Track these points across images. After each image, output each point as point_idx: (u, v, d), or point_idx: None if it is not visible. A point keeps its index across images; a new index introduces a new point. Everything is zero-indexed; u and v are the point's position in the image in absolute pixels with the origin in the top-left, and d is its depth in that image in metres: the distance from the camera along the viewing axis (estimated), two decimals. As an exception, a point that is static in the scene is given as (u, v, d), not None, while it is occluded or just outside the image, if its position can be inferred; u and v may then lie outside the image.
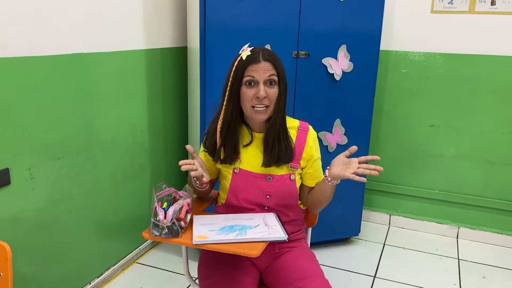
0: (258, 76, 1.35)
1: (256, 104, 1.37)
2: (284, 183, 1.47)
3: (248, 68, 1.35)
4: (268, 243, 1.29)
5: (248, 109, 1.39)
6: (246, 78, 1.36)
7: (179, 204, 1.32)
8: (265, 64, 1.36)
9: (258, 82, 1.36)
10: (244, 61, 1.36)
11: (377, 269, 2.47)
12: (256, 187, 1.45)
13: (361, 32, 2.30)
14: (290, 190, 1.48)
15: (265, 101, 1.37)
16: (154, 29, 2.32)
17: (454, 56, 2.64)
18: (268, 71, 1.36)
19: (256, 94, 1.35)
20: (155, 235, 1.30)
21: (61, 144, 1.84)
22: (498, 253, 2.70)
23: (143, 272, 2.34)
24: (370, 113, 2.47)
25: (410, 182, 2.91)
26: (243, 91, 1.37)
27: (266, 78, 1.36)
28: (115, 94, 2.11)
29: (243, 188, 1.46)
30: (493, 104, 2.62)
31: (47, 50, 1.71)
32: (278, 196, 1.47)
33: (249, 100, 1.37)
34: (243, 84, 1.37)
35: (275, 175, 1.46)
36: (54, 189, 1.85)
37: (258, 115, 1.39)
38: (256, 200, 1.47)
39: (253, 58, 1.36)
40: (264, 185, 1.45)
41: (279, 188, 1.46)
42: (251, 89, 1.36)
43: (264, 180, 1.45)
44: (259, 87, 1.35)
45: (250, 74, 1.35)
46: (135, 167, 2.33)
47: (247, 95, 1.37)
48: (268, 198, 1.46)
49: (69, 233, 1.96)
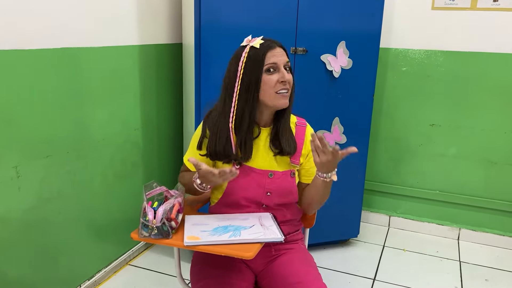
0: (279, 61, 1.32)
1: (280, 89, 1.33)
2: (285, 180, 1.41)
3: (267, 54, 1.31)
4: (263, 244, 1.23)
5: (272, 95, 1.33)
6: (267, 65, 1.31)
7: (169, 203, 1.25)
8: (280, 50, 1.35)
9: (279, 67, 1.32)
10: (260, 49, 1.32)
11: (376, 271, 2.40)
12: (257, 183, 1.39)
13: (361, 28, 2.24)
14: (291, 187, 1.42)
15: (287, 85, 1.34)
16: (149, 24, 2.26)
17: (455, 53, 2.58)
18: (285, 57, 1.35)
19: (280, 78, 1.32)
20: (144, 236, 1.23)
21: (49, 142, 1.78)
22: (501, 255, 2.64)
23: (136, 275, 2.28)
24: (369, 111, 2.42)
25: (410, 183, 2.85)
26: (265, 79, 1.32)
27: (285, 63, 1.34)
28: (107, 90, 2.05)
29: (243, 184, 1.39)
30: (495, 103, 2.57)
31: (35, 44, 1.65)
32: (279, 193, 1.41)
33: (273, 86, 1.32)
34: (264, 72, 1.32)
35: (277, 171, 1.40)
36: (43, 189, 1.78)
37: (282, 100, 1.34)
38: (255, 198, 1.40)
39: (269, 45, 1.33)
40: (266, 182, 1.39)
41: (281, 185, 1.40)
42: (273, 75, 1.32)
43: (265, 177, 1.39)
44: (282, 70, 1.32)
45: (271, 60, 1.31)
46: (127, 166, 2.26)
47: (270, 82, 1.32)
48: (268, 195, 1.40)
49: (58, 234, 1.90)
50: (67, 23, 1.78)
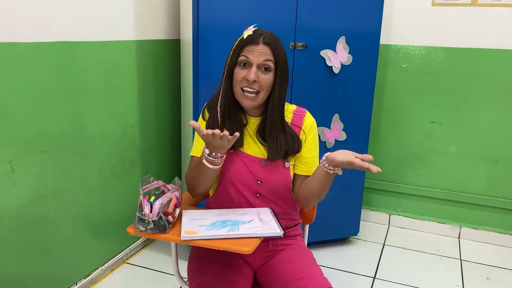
0: (253, 58, 1.28)
1: (245, 87, 1.30)
2: (277, 170, 1.38)
3: (245, 48, 1.29)
4: (262, 239, 1.20)
5: (237, 91, 1.32)
6: (240, 57, 1.30)
7: (166, 197, 1.23)
8: (264, 47, 1.29)
9: (251, 64, 1.29)
10: (244, 40, 1.30)
11: (376, 270, 2.38)
12: (248, 169, 1.37)
13: (361, 24, 2.22)
14: (283, 178, 1.39)
15: (255, 86, 1.29)
16: (146, 20, 2.24)
17: (456, 50, 2.56)
18: (265, 55, 1.29)
19: (246, 76, 1.29)
20: (140, 231, 1.20)
21: (45, 137, 1.75)
22: (502, 253, 2.61)
23: (133, 273, 2.25)
24: (369, 108, 2.39)
25: (410, 181, 2.83)
26: (235, 71, 1.31)
27: (260, 62, 1.28)
28: (104, 86, 2.02)
29: (236, 167, 1.37)
30: (496, 100, 2.55)
31: (31, 37, 1.62)
32: (269, 183, 1.37)
33: (239, 81, 1.30)
34: (237, 64, 1.30)
35: (269, 161, 1.37)
36: (38, 185, 1.75)
37: (246, 100, 1.32)
38: (247, 182, 1.37)
39: (253, 39, 1.29)
40: (257, 170, 1.37)
41: (272, 175, 1.37)
42: (243, 70, 1.30)
43: (257, 164, 1.37)
44: (251, 69, 1.28)
45: (245, 54, 1.29)
46: (124, 163, 2.23)
47: (238, 76, 1.30)
48: (259, 183, 1.37)
49: (54, 231, 1.87)
50: (64, 16, 1.75)
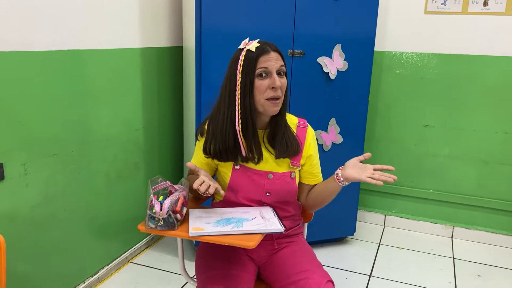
0: (271, 67, 1.33)
1: (271, 96, 1.34)
2: (284, 181, 1.46)
3: (260, 59, 1.33)
4: (264, 235, 1.29)
5: (263, 102, 1.34)
6: (259, 69, 1.33)
7: (175, 196, 1.31)
8: (275, 54, 1.36)
9: (271, 73, 1.33)
10: (254, 52, 1.34)
11: (372, 268, 2.46)
12: (256, 184, 1.44)
13: (356, 32, 2.31)
14: (289, 188, 1.47)
15: (279, 92, 1.35)
16: (150, 27, 2.32)
17: (447, 56, 2.66)
18: (279, 61, 1.36)
19: (271, 84, 1.33)
20: (150, 228, 1.29)
21: (55, 141, 1.83)
22: (493, 252, 2.71)
23: (137, 272, 2.32)
24: (365, 112, 2.48)
25: (404, 182, 2.92)
26: (256, 84, 1.33)
27: (278, 68, 1.35)
28: (110, 91, 2.11)
29: (243, 184, 1.44)
30: (486, 104, 2.64)
31: (42, 46, 1.71)
32: (277, 194, 1.46)
33: (263, 92, 1.33)
34: (256, 77, 1.33)
35: (276, 172, 1.45)
36: (49, 186, 1.83)
37: (272, 108, 1.35)
38: (255, 197, 1.46)
39: (264, 49, 1.34)
40: (265, 182, 1.44)
41: (279, 186, 1.45)
42: (264, 80, 1.33)
43: (265, 177, 1.44)
44: (274, 76, 1.33)
45: (263, 65, 1.32)
46: (129, 165, 2.31)
47: (261, 87, 1.33)
48: (268, 195, 1.45)
49: (63, 230, 1.95)
50: (73, 26, 1.84)
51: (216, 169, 1.51)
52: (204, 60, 2.11)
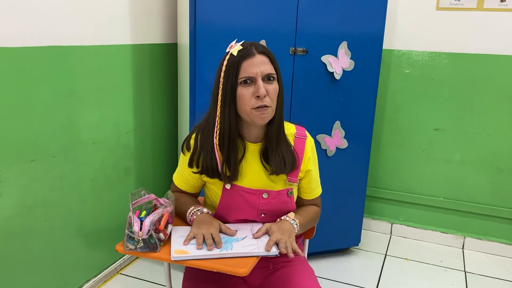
0: (255, 72, 1.17)
1: (256, 106, 1.18)
2: (281, 200, 1.31)
3: (242, 64, 1.18)
4: (259, 258, 1.13)
5: (248, 112, 1.19)
6: (241, 76, 1.18)
7: (157, 213, 1.16)
8: (261, 57, 1.19)
9: (255, 79, 1.18)
10: (236, 57, 1.18)
11: (378, 282, 2.31)
12: (249, 204, 1.29)
13: (363, 29, 2.16)
14: (287, 208, 1.33)
15: (266, 100, 1.18)
16: (142, 23, 2.18)
17: (460, 55, 2.50)
18: (265, 65, 1.19)
19: (255, 92, 1.17)
20: (129, 249, 1.14)
21: (34, 145, 1.68)
22: (507, 265, 2.54)
23: (127, 284, 2.18)
24: (372, 115, 2.33)
25: (413, 189, 2.76)
26: (239, 93, 1.19)
27: (264, 73, 1.19)
28: (97, 91, 1.96)
29: (235, 205, 1.29)
30: (501, 107, 2.49)
31: (19, 41, 1.56)
32: (274, 215, 1.31)
33: (248, 101, 1.18)
34: (239, 84, 1.18)
35: (272, 191, 1.30)
36: (27, 195, 1.68)
37: (259, 118, 1.20)
38: (249, 219, 1.31)
39: (246, 53, 1.18)
40: (259, 203, 1.29)
41: (276, 206, 1.30)
42: (248, 88, 1.18)
43: (259, 197, 1.29)
44: (258, 84, 1.17)
45: (246, 72, 1.17)
46: (119, 171, 2.17)
47: (245, 96, 1.18)
48: (263, 216, 1.31)
49: (44, 242, 1.80)
50: (55, 20, 1.69)
51: (203, 184, 1.37)
52: (198, 58, 1.98)
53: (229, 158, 1.24)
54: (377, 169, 2.80)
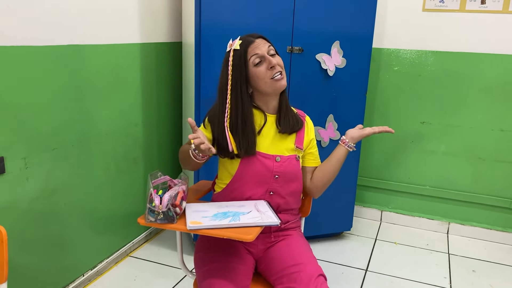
0: (262, 51, 1.42)
1: (274, 74, 1.42)
2: (291, 163, 1.51)
3: (248, 50, 1.42)
4: (263, 228, 1.31)
5: (268, 83, 1.43)
6: (252, 59, 1.41)
7: (174, 190, 1.33)
8: (261, 40, 1.45)
9: (264, 56, 1.42)
10: (241, 48, 1.42)
11: (368, 263, 2.49)
12: (265, 167, 1.48)
13: (354, 29, 2.32)
14: (296, 170, 1.52)
15: (278, 68, 1.43)
16: (150, 23, 2.33)
17: (445, 54, 2.68)
18: (266, 44, 1.45)
19: (268, 65, 1.41)
20: (150, 221, 1.31)
21: (56, 135, 1.85)
22: (488, 248, 2.74)
23: (136, 265, 2.35)
24: (362, 109, 2.50)
25: (401, 179, 2.94)
26: (255, 72, 1.42)
27: (268, 50, 1.43)
28: (109, 87, 2.12)
29: (253, 168, 1.47)
30: (483, 102, 2.66)
31: (42, 41, 1.72)
32: (286, 176, 1.50)
33: (265, 75, 1.42)
34: (252, 67, 1.42)
35: (283, 155, 1.50)
36: (49, 180, 1.85)
37: (279, 82, 1.44)
38: (264, 180, 1.48)
39: (248, 41, 1.43)
40: (274, 165, 1.48)
41: (287, 168, 1.50)
42: (261, 65, 1.42)
43: (273, 161, 1.48)
44: (267, 58, 1.42)
45: (253, 53, 1.41)
46: (129, 160, 2.33)
47: (261, 72, 1.42)
48: (276, 178, 1.49)
49: (63, 224, 1.97)
50: (72, 21, 1.85)
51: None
52: (203, 55, 2.13)
53: (244, 135, 1.43)
54: (368, 160, 2.97)
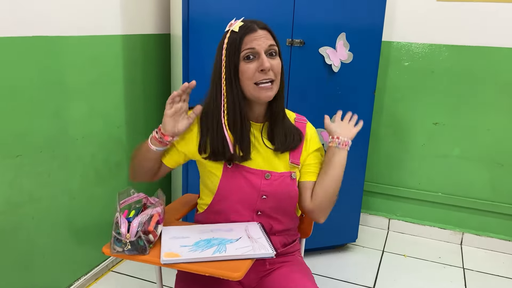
0: (258, 46, 1.16)
1: (261, 80, 1.16)
2: (283, 182, 1.26)
3: (244, 39, 1.16)
4: (254, 261, 1.08)
5: (251, 87, 1.17)
6: (244, 51, 1.16)
7: (146, 214, 1.10)
8: (263, 32, 1.18)
9: (259, 53, 1.16)
10: (238, 33, 1.16)
11: (376, 279, 2.27)
12: (251, 185, 1.23)
13: (362, 20, 2.10)
14: (289, 190, 1.27)
15: (270, 74, 1.18)
16: (134, 13, 2.10)
17: (461, 48, 2.45)
18: (268, 40, 1.18)
19: (259, 66, 1.15)
20: (117, 252, 1.08)
21: (20, 140, 1.61)
22: (506, 262, 2.51)
23: (118, 282, 2.13)
24: (370, 109, 2.28)
25: (411, 184, 2.72)
26: (242, 68, 1.16)
27: (266, 48, 1.17)
28: (86, 83, 1.89)
29: (236, 185, 1.24)
30: (502, 101, 2.44)
31: (4, 31, 1.49)
32: (275, 197, 1.25)
33: (251, 76, 1.16)
34: (241, 60, 1.16)
35: (275, 172, 1.25)
36: (13, 191, 1.62)
37: (265, 93, 1.18)
38: (249, 201, 1.25)
39: (249, 28, 1.17)
40: (261, 183, 1.24)
41: (278, 188, 1.25)
42: (252, 63, 1.16)
43: (261, 178, 1.24)
44: (262, 57, 1.16)
45: (249, 46, 1.15)
46: (110, 165, 2.10)
47: (249, 71, 1.16)
48: (264, 198, 1.25)
49: (32, 240, 1.74)
50: (41, 9, 1.61)
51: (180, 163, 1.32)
52: (192, 49, 1.92)
53: (242, 136, 1.20)
54: (375, 164, 2.75)
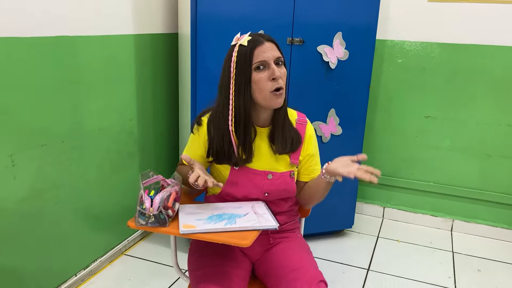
0: (268, 57, 1.28)
1: (274, 88, 1.29)
2: (284, 181, 1.41)
3: (255, 52, 1.28)
4: (260, 232, 1.23)
5: (266, 95, 1.30)
6: (256, 63, 1.28)
7: (166, 191, 1.25)
8: (270, 44, 1.31)
9: (269, 64, 1.29)
10: (247, 46, 1.29)
11: (370, 261, 2.42)
12: (254, 184, 1.39)
13: (357, 20, 2.24)
14: (288, 187, 1.43)
15: (280, 82, 1.30)
16: (144, 13, 2.24)
17: (451, 46, 2.58)
18: (275, 52, 1.31)
19: (271, 75, 1.28)
20: (141, 224, 1.23)
21: (45, 131, 1.77)
22: (493, 246, 2.67)
23: (131, 264, 2.28)
24: (365, 103, 2.42)
25: (404, 174, 2.87)
26: (255, 78, 1.29)
27: (275, 58, 1.30)
28: (102, 80, 2.03)
29: (241, 184, 1.39)
30: (490, 96, 2.58)
31: (30, 32, 1.63)
32: (276, 194, 1.42)
33: (265, 85, 1.28)
34: (253, 71, 1.29)
35: (276, 172, 1.40)
36: (38, 178, 1.77)
37: (276, 100, 1.31)
38: (253, 196, 1.41)
39: (257, 41, 1.29)
40: (264, 183, 1.39)
41: (279, 186, 1.41)
42: (263, 73, 1.29)
43: (264, 178, 1.39)
44: (272, 67, 1.28)
45: (260, 58, 1.28)
46: (123, 156, 2.25)
47: (262, 80, 1.28)
48: (266, 195, 1.41)
49: (54, 224, 1.89)
50: (62, 11, 1.76)
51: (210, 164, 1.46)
52: (199, 48, 2.05)
53: (245, 141, 1.34)
54: (370, 155, 2.87)
